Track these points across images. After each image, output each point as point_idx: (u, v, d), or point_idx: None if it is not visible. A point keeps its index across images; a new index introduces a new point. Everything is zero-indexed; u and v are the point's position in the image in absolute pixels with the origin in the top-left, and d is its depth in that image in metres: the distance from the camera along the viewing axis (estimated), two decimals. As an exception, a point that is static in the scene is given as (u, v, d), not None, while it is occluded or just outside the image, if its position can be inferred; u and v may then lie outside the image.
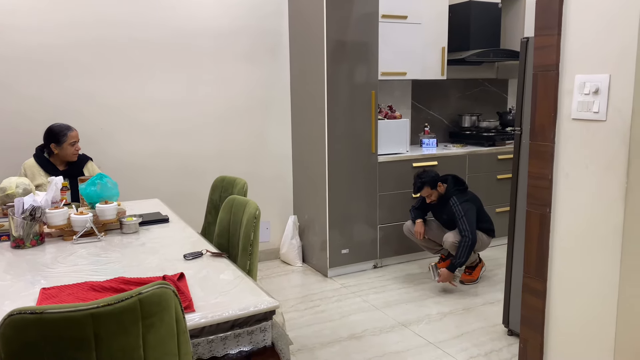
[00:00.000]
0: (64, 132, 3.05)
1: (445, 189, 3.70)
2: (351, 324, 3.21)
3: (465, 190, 3.74)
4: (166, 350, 1.25)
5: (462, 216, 3.56)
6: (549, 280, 2.24)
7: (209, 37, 3.92)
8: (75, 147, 3.10)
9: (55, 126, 3.10)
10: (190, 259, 1.98)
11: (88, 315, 1.12)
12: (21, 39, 3.37)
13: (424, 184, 3.67)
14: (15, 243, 2.18)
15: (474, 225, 3.59)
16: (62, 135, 3.05)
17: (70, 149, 3.08)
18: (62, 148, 3.06)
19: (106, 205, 2.34)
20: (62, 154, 3.09)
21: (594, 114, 1.99)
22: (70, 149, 3.08)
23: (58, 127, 3.09)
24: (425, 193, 3.69)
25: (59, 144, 3.06)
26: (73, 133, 3.09)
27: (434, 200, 3.71)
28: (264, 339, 1.56)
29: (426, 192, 3.69)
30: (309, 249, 4.26)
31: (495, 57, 4.59)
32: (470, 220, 3.56)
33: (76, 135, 3.11)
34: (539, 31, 2.17)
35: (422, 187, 3.68)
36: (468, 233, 3.52)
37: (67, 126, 3.10)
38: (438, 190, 3.70)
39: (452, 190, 3.69)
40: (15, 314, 1.09)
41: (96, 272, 1.88)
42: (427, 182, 3.67)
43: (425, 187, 3.67)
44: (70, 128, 3.09)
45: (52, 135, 3.07)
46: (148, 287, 1.20)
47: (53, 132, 3.07)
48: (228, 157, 4.12)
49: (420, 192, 3.70)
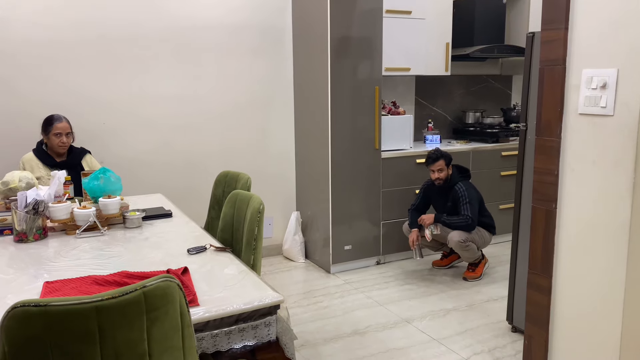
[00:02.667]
0: (51, 122, 3.04)
1: (450, 175, 3.74)
2: (354, 320, 3.20)
3: (469, 177, 3.81)
4: (170, 344, 1.24)
5: (467, 202, 3.62)
6: (555, 277, 2.23)
7: (212, 33, 3.90)
8: (60, 139, 3.04)
9: (49, 115, 3.10)
10: (194, 254, 1.97)
11: (92, 308, 1.11)
12: (22, 35, 3.36)
13: (442, 156, 3.70)
14: (18, 237, 2.17)
15: (477, 214, 3.63)
16: (48, 124, 3.04)
17: (54, 140, 3.03)
18: (49, 139, 3.05)
19: (109, 200, 2.33)
20: (49, 145, 3.08)
21: (601, 109, 1.97)
22: (54, 139, 3.03)
23: (50, 116, 3.09)
24: (438, 166, 3.70)
25: (46, 134, 3.06)
26: (60, 124, 3.04)
27: (441, 180, 3.71)
28: (269, 333, 1.55)
29: (439, 166, 3.70)
30: (311, 245, 4.25)
31: (500, 53, 4.56)
32: (474, 207, 3.62)
33: (63, 127, 3.05)
34: (545, 25, 2.15)
35: (438, 159, 3.69)
36: (469, 218, 3.58)
37: (58, 117, 3.08)
38: (448, 171, 3.73)
39: (458, 177, 3.73)
40: (19, 307, 1.09)
41: (99, 266, 1.87)
42: (444, 156, 3.71)
43: (442, 159, 3.69)
44: (60, 119, 3.06)
45: (43, 124, 3.07)
46: (152, 280, 1.19)
47: (44, 121, 3.07)
48: (231, 152, 4.11)
49: (435, 163, 3.70)
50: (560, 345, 2.23)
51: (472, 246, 3.67)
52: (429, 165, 3.73)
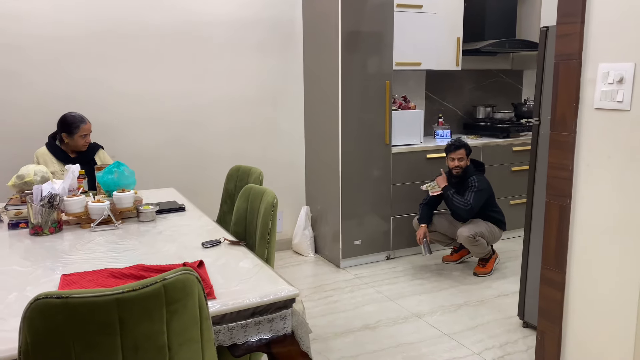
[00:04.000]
0: (77, 124, 3.06)
1: (467, 168, 3.75)
2: (365, 314, 3.20)
3: (484, 171, 3.83)
4: (189, 337, 1.25)
5: (475, 190, 3.64)
6: (568, 272, 2.22)
7: (223, 27, 3.90)
8: (86, 139, 3.12)
9: (70, 116, 3.10)
10: (209, 247, 1.98)
11: (113, 300, 1.12)
12: (36, 30, 3.37)
13: (464, 145, 3.72)
14: (33, 230, 2.19)
15: (478, 207, 3.66)
16: (74, 127, 3.06)
17: (80, 141, 3.09)
18: (73, 139, 3.08)
19: (123, 194, 2.34)
20: (72, 144, 3.11)
21: (617, 104, 1.96)
22: (80, 140, 3.09)
23: (72, 117, 3.09)
24: (459, 155, 3.70)
25: (71, 135, 3.07)
26: (86, 126, 3.09)
27: (460, 169, 3.71)
28: (284, 326, 1.56)
29: (460, 154, 3.70)
30: (321, 240, 4.26)
31: (511, 48, 4.53)
32: (479, 198, 3.64)
33: (89, 128, 3.12)
34: (561, 19, 2.13)
35: (460, 147, 3.70)
36: (469, 204, 3.60)
37: (81, 118, 3.10)
38: (467, 162, 3.74)
39: (473, 171, 3.75)
40: (41, 299, 1.10)
41: (115, 260, 1.88)
42: (466, 146, 3.73)
43: (463, 149, 3.70)
44: (84, 120, 3.10)
45: (65, 125, 3.08)
46: (172, 273, 1.20)
47: (66, 122, 3.08)
48: (241, 147, 4.12)
49: (457, 150, 3.70)
50: (573, 341, 2.23)
51: (481, 241, 3.66)
52: (450, 153, 3.73)
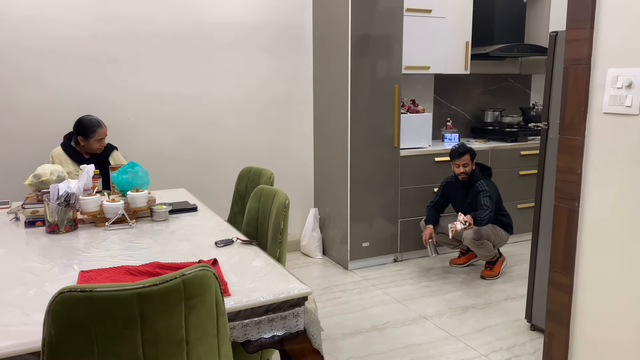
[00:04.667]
0: (94, 129, 3.10)
1: (472, 172, 3.76)
2: (373, 315, 3.23)
3: (490, 175, 3.84)
4: (206, 332, 1.29)
5: (487, 195, 3.63)
6: (576, 275, 2.24)
7: (233, 30, 3.95)
8: (101, 143, 3.16)
9: (86, 120, 3.13)
10: (222, 246, 2.02)
11: (135, 294, 1.16)
12: (50, 31, 3.44)
13: (469, 151, 3.73)
14: (50, 228, 2.24)
15: (494, 207, 3.64)
16: (91, 131, 3.10)
17: (96, 144, 3.14)
18: (89, 142, 3.12)
19: (137, 193, 2.39)
20: (87, 147, 3.15)
21: (626, 108, 1.98)
22: (96, 144, 3.14)
23: (88, 121, 3.12)
24: (464, 161, 3.72)
25: (87, 139, 3.12)
26: (102, 130, 3.13)
27: (465, 175, 3.73)
28: (297, 324, 1.59)
29: (465, 160, 3.72)
30: (329, 242, 4.29)
31: (520, 52, 4.56)
32: (492, 200, 3.63)
33: (104, 132, 3.16)
34: (571, 24, 2.16)
35: (464, 153, 3.71)
36: (489, 209, 3.58)
37: (97, 122, 3.13)
38: (472, 167, 3.75)
39: (479, 175, 3.76)
40: (65, 292, 1.13)
41: (130, 257, 1.92)
42: (470, 151, 3.73)
43: (468, 154, 3.72)
44: (100, 124, 3.13)
45: (82, 129, 3.12)
46: (191, 269, 1.23)
47: (83, 126, 3.12)
48: (250, 149, 4.16)
49: (461, 157, 3.72)
50: (581, 343, 2.24)
51: (486, 243, 3.68)
52: (454, 160, 3.74)
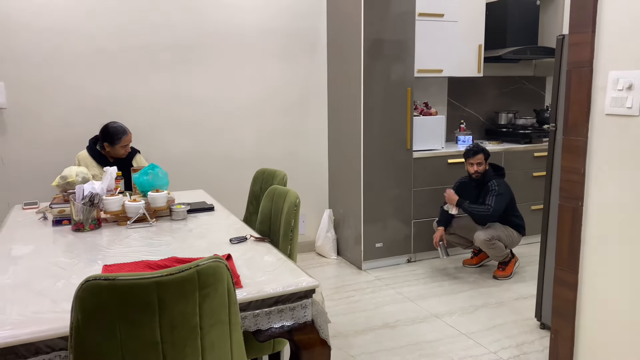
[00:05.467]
0: (119, 136, 3.22)
1: (485, 172, 3.82)
2: (385, 314, 3.31)
3: (503, 176, 3.88)
4: (219, 319, 1.39)
5: (495, 194, 3.70)
6: (581, 272, 2.29)
7: (250, 37, 4.08)
8: (126, 149, 3.29)
9: (112, 127, 3.24)
10: (236, 243, 2.12)
11: (153, 282, 1.27)
12: (76, 42, 3.60)
13: (482, 150, 3.80)
14: (75, 226, 2.37)
15: (500, 210, 3.70)
16: (116, 138, 3.22)
17: (121, 150, 3.27)
18: (114, 148, 3.25)
19: (157, 194, 2.51)
20: (113, 153, 3.28)
21: (627, 109, 2.04)
22: (121, 150, 3.27)
23: (114, 129, 3.23)
24: (478, 160, 3.78)
25: (112, 145, 3.24)
26: (127, 137, 3.25)
27: (479, 174, 3.79)
28: (305, 315, 1.69)
29: (479, 159, 3.79)
30: (343, 242, 4.38)
31: (533, 55, 4.59)
32: (500, 201, 3.69)
33: (129, 139, 3.28)
34: (573, 29, 2.22)
35: (478, 152, 3.78)
36: (490, 208, 3.66)
37: (123, 130, 3.24)
38: (486, 166, 3.81)
39: (492, 175, 3.82)
40: (91, 280, 1.25)
41: (150, 253, 2.04)
42: (484, 151, 3.80)
43: (481, 153, 3.79)
44: (125, 132, 3.25)
45: (108, 135, 3.24)
46: (204, 261, 1.34)
47: (109, 133, 3.23)
48: (266, 152, 4.28)
49: (475, 156, 3.79)
50: (586, 339, 2.29)
51: (498, 244, 3.72)
52: (468, 159, 3.81)
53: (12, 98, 3.51)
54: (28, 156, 3.59)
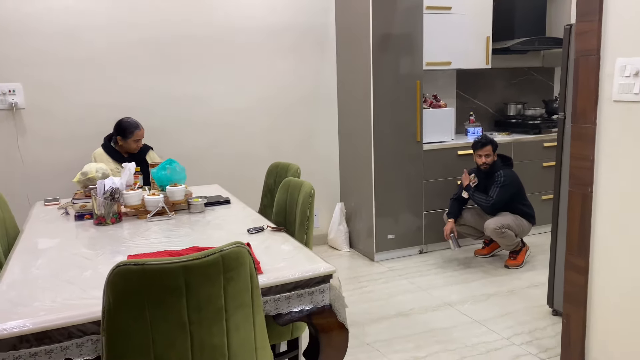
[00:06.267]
0: (132, 130, 3.34)
1: (494, 163, 3.87)
2: (398, 303, 3.36)
3: (511, 166, 3.94)
4: (242, 301, 1.46)
5: (499, 185, 3.77)
6: (591, 257, 2.33)
7: (259, 33, 4.14)
8: (138, 144, 3.39)
9: (125, 122, 3.37)
10: (254, 233, 2.19)
11: (181, 267, 1.33)
12: (89, 42, 3.69)
13: (491, 142, 3.85)
14: (97, 220, 2.45)
15: (503, 201, 3.78)
16: (129, 132, 3.34)
17: (133, 144, 3.37)
18: (127, 142, 3.36)
19: (176, 188, 2.58)
20: (125, 147, 3.39)
21: (634, 95, 2.07)
22: (133, 144, 3.37)
23: (127, 123, 3.36)
24: (486, 151, 3.84)
25: (125, 139, 3.35)
26: (139, 132, 3.36)
27: (487, 165, 3.85)
28: (323, 299, 1.75)
29: (487, 151, 3.84)
30: (355, 235, 4.43)
31: (541, 46, 4.61)
32: (501, 193, 3.77)
33: (142, 133, 3.39)
34: (580, 17, 2.26)
35: (487, 144, 3.84)
36: (490, 200, 3.75)
37: (135, 124, 3.37)
38: (494, 157, 3.86)
39: (500, 165, 3.88)
40: (122, 265, 1.32)
41: (171, 244, 2.11)
42: (492, 142, 3.86)
43: (490, 145, 3.84)
44: (138, 126, 3.36)
45: (121, 129, 3.36)
46: (228, 246, 1.41)
47: (122, 127, 3.36)
48: (278, 147, 4.34)
49: (483, 147, 3.84)
50: (597, 323, 2.34)
51: (508, 233, 3.76)
52: (476, 150, 3.86)
53: (30, 99, 3.60)
54: (45, 154, 3.68)
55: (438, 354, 2.72)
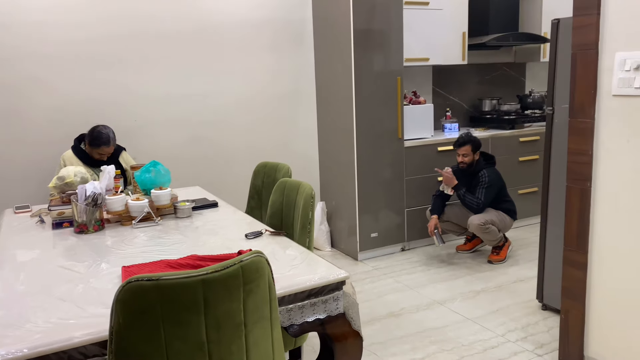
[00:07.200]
0: (99, 144, 3.16)
1: (476, 161, 3.85)
2: (388, 303, 3.31)
3: (494, 164, 3.92)
4: (261, 315, 1.35)
5: (485, 187, 3.76)
6: (590, 252, 2.33)
7: (235, 29, 4.00)
8: (101, 157, 3.22)
9: (97, 132, 3.18)
10: (252, 238, 2.08)
11: (199, 281, 1.22)
12: (57, 36, 3.46)
13: (470, 141, 3.81)
14: (79, 228, 2.28)
15: (488, 201, 3.78)
16: (95, 144, 3.17)
17: (95, 155, 3.21)
18: (91, 151, 3.20)
19: (161, 191, 2.44)
20: (88, 152, 3.22)
21: (635, 90, 2.07)
22: (96, 155, 3.21)
23: (98, 134, 3.17)
24: (463, 151, 3.81)
25: (91, 146, 3.19)
26: (107, 149, 3.19)
27: (464, 164, 3.82)
28: (337, 307, 1.66)
29: (465, 151, 3.81)
30: (337, 234, 4.36)
31: (515, 41, 4.65)
32: (489, 193, 3.76)
33: (109, 151, 3.21)
34: (577, 11, 2.24)
35: (465, 144, 3.80)
36: (480, 202, 3.74)
37: (106, 140, 3.17)
38: (474, 157, 3.83)
39: (483, 164, 3.85)
40: (133, 281, 1.19)
41: (165, 252, 1.98)
42: (472, 142, 3.81)
43: (468, 145, 3.80)
44: (107, 143, 3.17)
45: (92, 137, 3.18)
46: (247, 256, 1.30)
47: (93, 135, 3.18)
48: (257, 146, 4.22)
49: (461, 147, 3.81)
50: (596, 318, 2.34)
51: (492, 228, 3.77)
52: (456, 149, 3.85)
53: (-8, 98, 3.35)
54: (10, 157, 3.44)
55: (436, 354, 2.68)
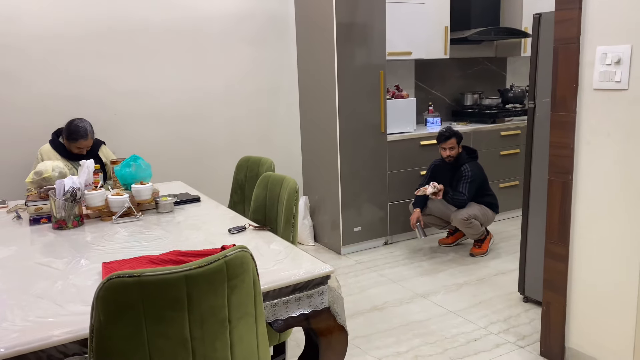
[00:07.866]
0: (76, 138, 3.08)
1: (459, 155, 3.88)
2: (371, 297, 3.31)
3: (476, 158, 3.95)
4: (246, 311, 1.33)
5: (468, 181, 3.80)
6: (571, 245, 2.36)
7: (217, 22, 3.95)
8: (80, 151, 3.15)
9: (74, 125, 3.10)
10: (235, 233, 2.05)
11: (182, 277, 1.19)
12: (34, 29, 3.37)
13: (455, 134, 3.84)
14: (57, 224, 2.23)
15: (473, 194, 3.83)
16: (73, 138, 3.09)
17: (74, 149, 3.14)
18: (69, 145, 3.12)
19: (142, 186, 2.40)
20: (67, 146, 3.15)
21: (615, 84, 2.09)
22: (74, 149, 3.14)
23: (76, 127, 3.09)
24: (450, 144, 3.84)
25: (68, 141, 3.12)
26: (85, 142, 3.11)
27: (452, 157, 3.86)
28: (322, 301, 1.65)
29: (451, 144, 3.84)
30: (320, 228, 4.35)
31: (496, 36, 4.68)
32: (472, 188, 3.81)
33: (87, 144, 3.14)
34: (559, 6, 2.26)
35: (450, 137, 3.83)
36: (465, 197, 3.77)
37: (84, 133, 3.09)
38: (458, 150, 3.86)
39: (466, 158, 3.88)
40: (114, 278, 1.16)
41: (147, 248, 1.94)
42: (456, 135, 3.85)
43: (454, 138, 3.83)
44: (86, 136, 3.10)
45: (69, 131, 3.10)
46: (232, 251, 1.28)
47: (70, 129, 3.10)
48: (238, 140, 4.18)
49: (447, 141, 3.84)
50: (578, 310, 2.37)
51: (475, 223, 3.80)
52: (441, 143, 3.86)
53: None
54: (-14, 153, 3.36)
55: (419, 347, 2.69)
